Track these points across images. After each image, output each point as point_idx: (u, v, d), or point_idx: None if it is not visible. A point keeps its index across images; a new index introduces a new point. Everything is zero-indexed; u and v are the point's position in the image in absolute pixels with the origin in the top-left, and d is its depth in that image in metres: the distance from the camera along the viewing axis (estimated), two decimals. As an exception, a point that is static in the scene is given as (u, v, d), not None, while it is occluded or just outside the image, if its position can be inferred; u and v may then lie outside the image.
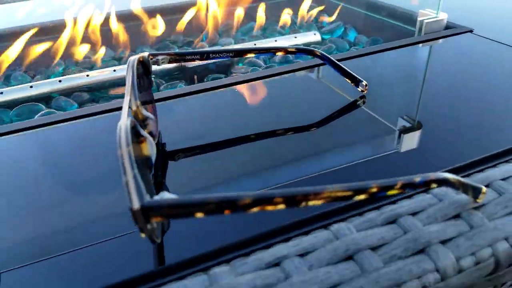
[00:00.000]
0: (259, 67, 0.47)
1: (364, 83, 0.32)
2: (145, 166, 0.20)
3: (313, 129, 0.30)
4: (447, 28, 0.46)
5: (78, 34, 0.53)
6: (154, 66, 0.28)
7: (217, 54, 0.28)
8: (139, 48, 0.56)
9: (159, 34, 0.57)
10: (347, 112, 0.32)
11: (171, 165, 0.27)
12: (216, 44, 0.56)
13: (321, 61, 0.34)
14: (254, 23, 0.59)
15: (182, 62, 0.28)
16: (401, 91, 0.35)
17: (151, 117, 0.23)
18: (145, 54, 0.26)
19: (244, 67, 0.47)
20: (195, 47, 0.56)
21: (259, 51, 0.30)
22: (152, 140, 0.21)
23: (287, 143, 0.29)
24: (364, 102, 0.32)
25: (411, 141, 0.29)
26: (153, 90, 0.32)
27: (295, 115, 0.32)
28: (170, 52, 0.27)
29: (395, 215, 0.20)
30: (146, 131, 0.22)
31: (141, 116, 0.22)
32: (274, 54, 0.30)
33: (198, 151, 0.28)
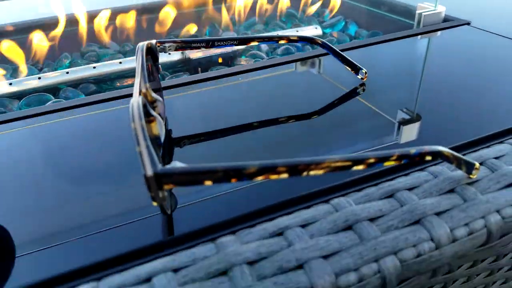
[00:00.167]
0: (261, 59, 0.48)
1: (363, 70, 0.33)
2: (154, 143, 0.21)
3: (315, 117, 0.31)
4: (445, 21, 0.47)
5: (85, 28, 0.54)
6: (159, 59, 0.29)
7: (222, 42, 0.29)
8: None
9: (162, 28, 0.58)
10: (347, 99, 0.33)
11: (177, 151, 0.28)
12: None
13: (322, 50, 0.35)
14: (255, 18, 0.61)
15: (188, 49, 0.29)
16: (399, 80, 0.36)
17: (160, 99, 0.24)
18: (153, 41, 0.27)
19: (247, 59, 0.48)
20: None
21: (262, 39, 0.31)
22: (161, 120, 0.22)
23: (289, 131, 0.30)
24: (364, 89, 0.33)
25: (409, 127, 0.30)
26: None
27: (298, 103, 0.33)
28: (176, 39, 0.28)
29: (393, 190, 0.21)
30: (155, 112, 0.23)
31: (150, 98, 0.23)
32: (276, 42, 0.32)
33: (202, 138, 0.29)
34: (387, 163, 0.18)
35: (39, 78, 0.45)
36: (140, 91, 0.22)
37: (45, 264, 0.20)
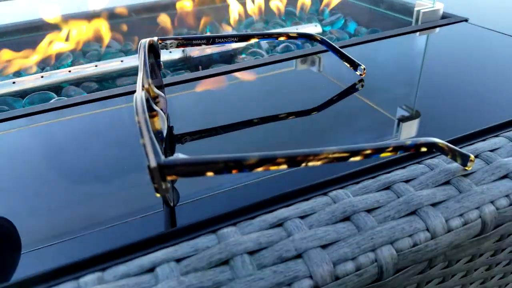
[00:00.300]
0: (261, 57, 0.48)
1: (362, 67, 0.33)
2: (157, 137, 0.22)
3: (314, 113, 0.32)
4: (443, 18, 0.47)
5: (87, 27, 0.55)
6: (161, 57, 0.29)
7: (223, 38, 0.30)
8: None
9: (163, 27, 0.58)
10: (346, 95, 0.33)
11: (178, 147, 0.29)
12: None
13: (322, 47, 0.35)
14: (255, 17, 0.61)
15: (189, 46, 0.29)
16: (397, 77, 0.36)
17: (162, 95, 0.25)
18: (155, 38, 0.28)
19: (247, 57, 0.48)
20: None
21: (262, 36, 0.31)
22: (163, 115, 0.23)
23: (288, 127, 0.31)
24: (362, 85, 0.34)
25: (407, 123, 0.30)
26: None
27: (297, 100, 0.34)
28: (177, 36, 0.29)
29: (390, 182, 0.22)
30: (157, 107, 0.23)
31: (152, 93, 0.24)
32: (276, 39, 0.32)
33: (203, 135, 0.30)
34: (383, 155, 0.18)
35: (42, 76, 0.46)
36: (142, 87, 0.23)
37: (53, 256, 0.20)
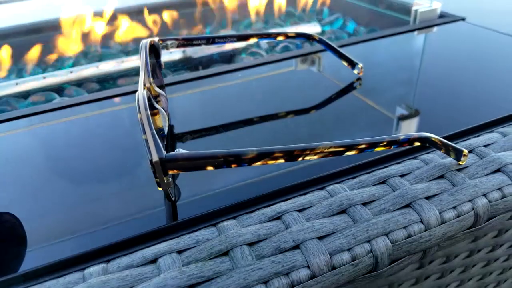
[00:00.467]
0: (261, 57, 0.49)
1: (360, 65, 0.34)
2: (158, 135, 0.22)
3: (313, 112, 0.32)
4: (440, 17, 0.48)
5: (88, 29, 0.55)
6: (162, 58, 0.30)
7: (222, 38, 0.30)
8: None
9: (163, 28, 0.59)
10: (344, 94, 0.34)
11: (179, 145, 0.29)
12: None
13: (320, 46, 0.36)
14: (256, 17, 0.62)
15: (189, 46, 0.30)
16: (394, 75, 0.37)
17: (163, 94, 0.25)
18: (155, 38, 0.29)
19: (247, 57, 0.49)
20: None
21: (261, 36, 0.32)
22: (164, 113, 0.24)
23: (287, 125, 0.31)
24: (360, 84, 0.34)
25: (403, 120, 0.31)
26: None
27: (296, 98, 0.34)
28: (178, 37, 0.30)
29: (385, 176, 0.22)
30: (158, 105, 0.24)
31: (154, 92, 0.24)
32: (275, 38, 0.33)
33: (204, 134, 0.30)
34: (378, 149, 0.19)
35: (44, 77, 0.46)
36: (144, 85, 0.24)
37: (60, 249, 0.21)
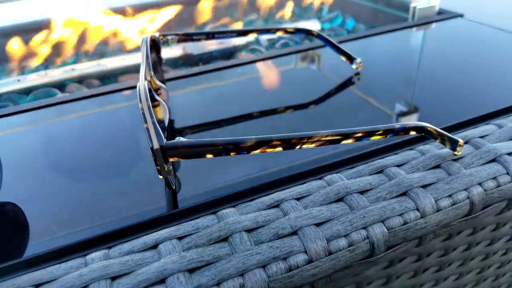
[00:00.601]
0: (260, 53, 0.49)
1: (358, 60, 0.34)
2: (159, 125, 0.23)
3: (312, 106, 0.33)
4: (439, 14, 0.48)
5: (89, 27, 0.56)
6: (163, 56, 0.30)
7: (222, 34, 0.31)
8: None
9: (163, 26, 0.60)
10: (343, 88, 0.34)
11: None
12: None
13: (319, 42, 0.36)
14: (256, 14, 0.62)
15: (189, 41, 0.30)
16: (393, 70, 0.37)
17: (163, 87, 0.26)
18: (156, 34, 0.29)
19: (247, 54, 0.49)
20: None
21: (260, 31, 0.32)
22: (165, 105, 0.24)
23: (286, 119, 0.31)
24: (358, 78, 0.35)
25: (402, 114, 0.31)
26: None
27: (295, 93, 0.35)
28: (178, 32, 0.30)
29: (382, 166, 0.23)
30: (159, 98, 0.24)
31: (154, 85, 0.25)
32: (274, 33, 0.33)
33: (203, 128, 0.31)
34: (374, 137, 0.19)
35: (46, 74, 0.47)
36: (145, 78, 0.24)
37: (63, 235, 0.21)
